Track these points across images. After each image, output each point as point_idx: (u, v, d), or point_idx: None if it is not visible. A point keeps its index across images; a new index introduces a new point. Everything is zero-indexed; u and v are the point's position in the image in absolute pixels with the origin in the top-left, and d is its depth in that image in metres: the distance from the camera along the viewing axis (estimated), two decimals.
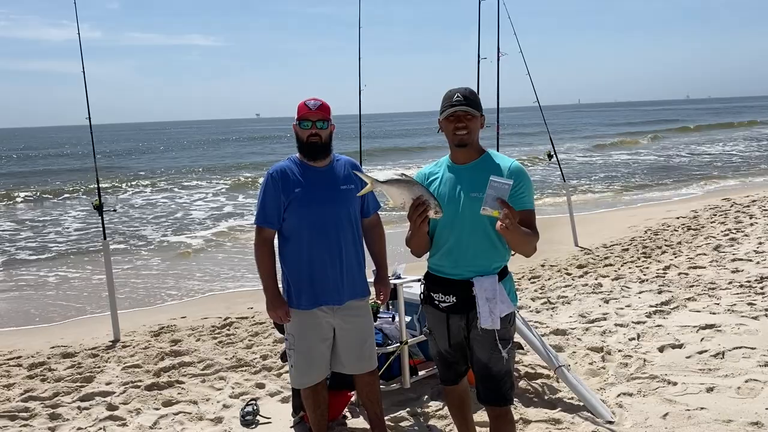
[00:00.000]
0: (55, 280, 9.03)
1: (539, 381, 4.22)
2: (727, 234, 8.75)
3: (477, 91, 3.48)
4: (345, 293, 3.22)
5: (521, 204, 2.62)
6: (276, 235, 3.28)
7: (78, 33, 5.94)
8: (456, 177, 2.71)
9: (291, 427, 3.87)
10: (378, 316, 4.16)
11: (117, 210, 15.33)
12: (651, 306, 5.69)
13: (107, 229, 6.32)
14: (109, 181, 23.08)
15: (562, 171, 9.87)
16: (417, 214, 2.49)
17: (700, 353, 4.49)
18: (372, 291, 3.42)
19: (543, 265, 7.96)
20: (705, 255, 7.62)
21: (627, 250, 8.44)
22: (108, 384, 4.68)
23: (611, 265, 7.62)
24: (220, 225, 13.45)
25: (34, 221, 15.17)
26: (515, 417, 3.36)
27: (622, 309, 5.72)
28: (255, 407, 4.05)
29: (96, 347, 5.68)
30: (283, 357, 3.94)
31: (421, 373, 4.18)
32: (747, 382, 3.97)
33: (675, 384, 4.03)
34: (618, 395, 3.93)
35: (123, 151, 46.81)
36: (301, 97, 3.27)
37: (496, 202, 2.40)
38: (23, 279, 9.20)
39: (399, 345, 4.00)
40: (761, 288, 5.98)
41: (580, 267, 7.68)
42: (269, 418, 3.98)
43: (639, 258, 7.86)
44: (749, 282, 6.23)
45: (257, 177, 22.73)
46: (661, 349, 4.64)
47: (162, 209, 16.66)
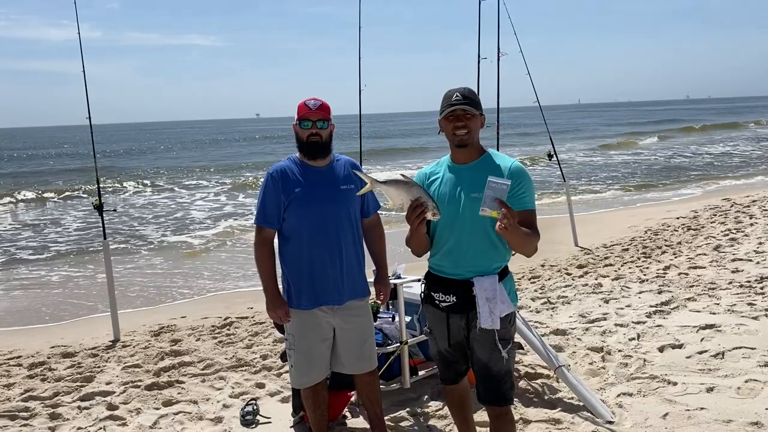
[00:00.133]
0: (56, 279, 9.03)
1: (539, 381, 4.22)
2: (727, 234, 8.75)
3: (477, 91, 3.48)
4: (345, 293, 3.22)
5: (522, 204, 2.62)
6: (276, 235, 3.28)
7: (78, 33, 5.93)
8: (456, 177, 2.71)
9: (291, 427, 3.87)
10: (378, 316, 4.16)
11: (117, 210, 15.35)
12: (651, 306, 5.69)
13: (108, 229, 6.32)
14: (110, 182, 23.08)
15: (562, 171, 9.87)
16: (415, 215, 2.49)
17: (700, 353, 4.49)
18: (372, 291, 3.42)
19: (543, 265, 7.96)
20: (705, 255, 7.61)
21: (627, 250, 8.44)
22: (108, 384, 4.68)
23: (611, 265, 7.62)
24: (220, 225, 13.44)
25: (34, 221, 15.17)
26: (515, 417, 3.36)
27: (622, 309, 5.72)
28: (255, 407, 4.05)
29: (96, 347, 5.68)
30: (283, 357, 3.95)
31: (421, 373, 4.18)
32: (747, 382, 3.97)
33: (675, 384, 4.03)
34: (618, 395, 3.93)
35: (123, 151, 46.81)
36: (301, 97, 3.27)
37: (494, 202, 2.40)
38: (23, 279, 9.20)
39: (399, 345, 4.00)
40: (761, 288, 5.98)
41: (580, 267, 7.68)
42: (269, 418, 3.98)
43: (639, 258, 7.86)
44: (749, 282, 6.23)
45: (257, 177, 22.73)
46: (661, 349, 4.64)
47: (163, 209, 16.65)
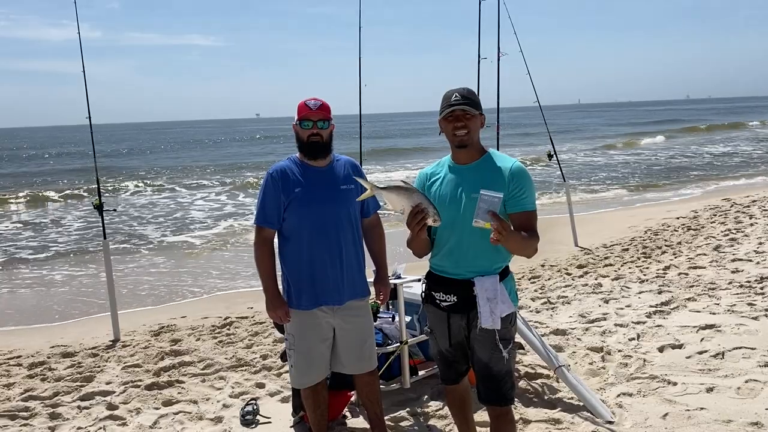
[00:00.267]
0: (56, 279, 9.03)
1: (539, 381, 4.22)
2: (727, 234, 8.75)
3: (477, 91, 3.48)
4: (345, 293, 3.22)
5: (521, 206, 2.62)
6: (276, 235, 3.28)
7: (78, 33, 5.93)
8: (457, 177, 2.71)
9: (291, 427, 3.87)
10: (378, 316, 4.16)
11: (117, 210, 15.35)
12: (651, 306, 5.69)
13: (108, 229, 6.32)
14: (111, 182, 23.08)
15: (562, 171, 9.87)
16: (416, 221, 2.49)
17: (700, 353, 4.49)
18: (372, 291, 3.42)
19: (543, 265, 7.96)
20: (705, 255, 7.61)
21: (627, 250, 8.44)
22: (108, 383, 4.68)
23: (611, 265, 7.62)
24: (220, 225, 13.44)
25: (34, 221, 15.17)
26: (515, 417, 3.36)
27: (622, 309, 5.72)
28: (255, 407, 4.05)
29: (96, 347, 5.68)
30: (283, 357, 3.95)
31: (421, 373, 4.18)
32: (747, 382, 3.97)
33: (675, 384, 4.03)
34: (618, 395, 3.93)
35: (123, 151, 46.81)
36: (301, 97, 3.26)
37: (487, 214, 2.41)
38: (23, 278, 9.20)
39: (399, 345, 4.00)
40: (761, 288, 5.98)
41: (580, 267, 7.68)
42: (269, 417, 3.98)
43: (639, 258, 7.86)
44: (749, 282, 6.22)
45: (257, 177, 22.73)
46: (661, 349, 4.64)
47: (163, 209, 16.65)
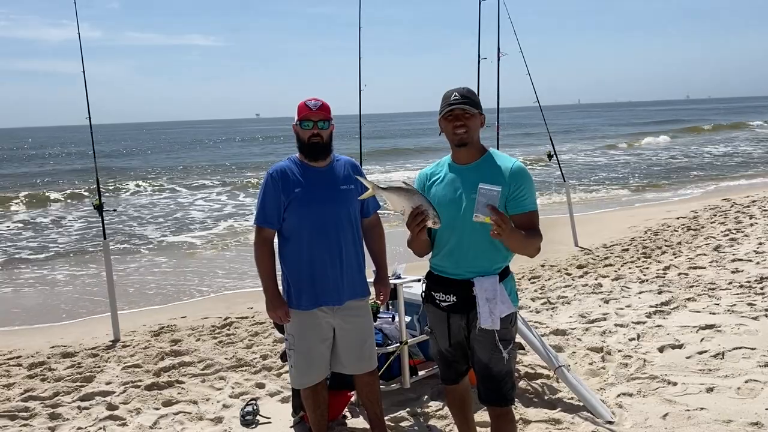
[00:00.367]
0: (56, 279, 9.02)
1: (539, 381, 4.22)
2: (727, 234, 8.75)
3: (477, 91, 3.48)
4: (345, 293, 3.22)
5: (522, 206, 2.63)
6: (276, 235, 3.28)
7: (78, 33, 5.92)
8: (457, 177, 2.71)
9: (291, 427, 3.87)
10: (378, 316, 4.16)
11: (117, 210, 15.35)
12: (651, 306, 5.69)
13: (109, 229, 6.32)
14: (111, 182, 23.07)
15: (562, 171, 9.87)
16: (415, 223, 2.50)
17: (700, 353, 4.49)
18: (372, 291, 3.42)
19: (543, 265, 7.96)
20: (705, 255, 7.61)
21: (627, 250, 8.44)
22: (108, 384, 4.68)
23: (611, 266, 7.62)
24: (220, 225, 13.43)
25: (34, 221, 15.16)
26: (515, 417, 3.36)
27: (622, 309, 5.72)
28: (255, 407, 4.05)
29: (96, 347, 5.68)
30: (283, 357, 3.95)
31: (421, 373, 4.18)
32: (747, 382, 3.97)
33: (675, 384, 4.03)
34: (618, 395, 3.93)
35: (123, 151, 46.82)
36: (302, 97, 3.26)
37: (486, 208, 2.41)
38: (24, 279, 9.19)
39: (399, 345, 4.00)
40: (761, 288, 5.98)
41: (580, 267, 7.68)
42: (269, 418, 3.98)
43: (639, 258, 7.86)
44: (749, 282, 6.22)
45: (258, 177, 22.73)
46: (661, 350, 4.64)
47: (164, 209, 16.64)
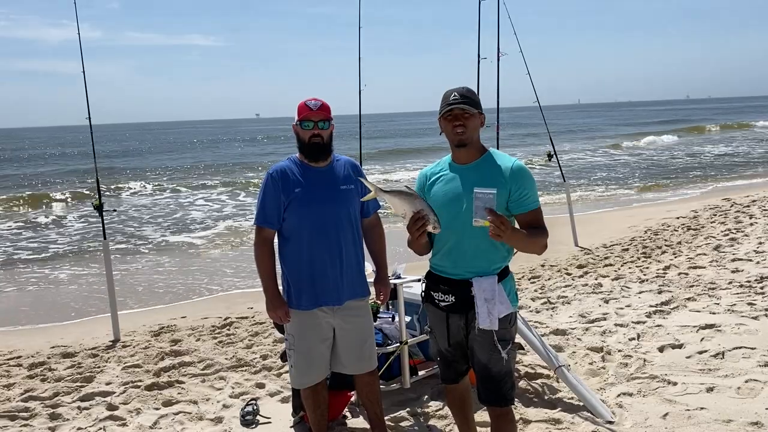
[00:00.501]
0: (56, 279, 9.03)
1: (539, 381, 4.22)
2: (727, 234, 8.75)
3: (477, 91, 3.48)
4: (345, 293, 3.22)
5: (525, 206, 2.66)
6: (276, 235, 3.28)
7: (78, 33, 5.92)
8: (457, 177, 2.71)
9: (291, 427, 3.87)
10: (378, 316, 4.16)
11: (117, 210, 15.36)
12: (651, 306, 5.69)
13: (109, 229, 6.32)
14: (111, 182, 23.07)
15: (562, 171, 9.87)
16: (416, 228, 2.52)
17: (700, 353, 4.49)
18: (372, 291, 3.42)
19: (543, 265, 7.96)
20: (705, 255, 7.61)
21: (627, 250, 8.44)
22: (108, 384, 4.68)
23: (611, 265, 7.62)
24: (221, 225, 13.43)
25: (35, 221, 15.15)
26: (515, 417, 3.36)
27: (622, 309, 5.72)
28: (255, 407, 4.05)
29: (96, 347, 5.68)
30: (283, 357, 3.95)
31: (421, 373, 4.18)
32: (747, 382, 3.97)
33: (675, 384, 4.03)
34: (618, 395, 3.93)
35: (123, 151, 46.83)
36: (301, 97, 3.25)
37: (484, 211, 2.43)
38: (23, 279, 9.20)
39: (399, 345, 4.00)
40: (761, 288, 5.98)
41: (580, 267, 7.68)
42: (269, 418, 3.98)
43: (639, 258, 7.86)
44: (749, 282, 6.22)
45: (258, 177, 22.73)
46: (661, 349, 4.64)
47: (164, 210, 16.65)
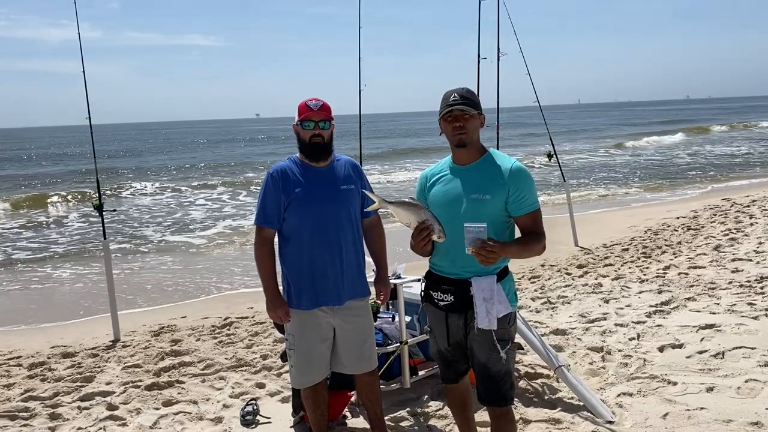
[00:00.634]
0: (56, 279, 9.03)
1: (539, 381, 4.22)
2: (727, 234, 8.75)
3: (477, 91, 3.48)
4: (345, 293, 3.22)
5: (523, 208, 2.67)
6: (276, 235, 3.28)
7: (78, 33, 5.92)
8: (457, 178, 2.72)
9: (291, 427, 3.87)
10: (378, 316, 4.16)
11: (117, 210, 15.35)
12: (651, 306, 5.69)
13: (110, 229, 6.32)
14: (111, 182, 23.08)
15: (562, 171, 9.87)
16: (421, 237, 2.54)
17: (700, 353, 4.49)
18: (372, 291, 3.42)
19: (543, 265, 7.96)
20: (705, 255, 7.61)
21: (627, 250, 8.44)
22: (108, 384, 4.68)
23: (611, 265, 7.62)
24: (220, 225, 13.43)
25: (35, 221, 15.15)
26: (515, 417, 3.36)
27: (622, 309, 5.72)
28: (255, 407, 4.05)
29: (96, 347, 5.68)
30: (283, 357, 3.95)
31: (421, 373, 4.18)
32: (747, 382, 3.97)
33: (675, 384, 4.03)
34: (618, 395, 3.94)
35: (123, 151, 46.83)
36: (301, 97, 3.25)
37: (477, 242, 2.47)
38: (24, 279, 9.19)
39: (399, 345, 4.00)
40: (761, 288, 5.98)
41: (580, 267, 7.68)
42: (269, 418, 3.98)
43: (639, 258, 7.86)
44: (749, 282, 6.23)
45: (259, 176, 22.73)
46: (661, 349, 4.64)
47: (165, 209, 16.65)
